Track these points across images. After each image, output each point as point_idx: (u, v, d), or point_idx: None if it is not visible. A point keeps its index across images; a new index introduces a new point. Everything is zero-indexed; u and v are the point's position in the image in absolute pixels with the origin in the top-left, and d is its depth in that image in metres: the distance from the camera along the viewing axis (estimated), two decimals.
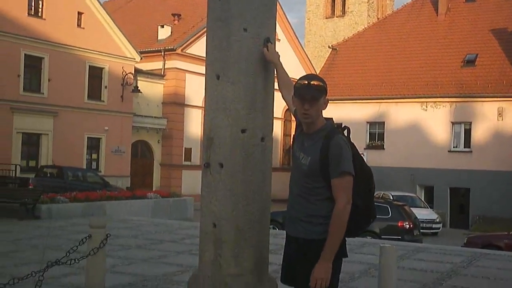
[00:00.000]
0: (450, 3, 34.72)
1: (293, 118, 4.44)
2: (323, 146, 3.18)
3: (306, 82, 3.23)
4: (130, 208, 16.85)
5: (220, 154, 3.69)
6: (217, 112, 3.71)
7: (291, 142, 3.56)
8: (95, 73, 29.32)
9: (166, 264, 8.69)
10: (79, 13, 28.34)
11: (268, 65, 3.77)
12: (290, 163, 38.25)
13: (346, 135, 3.31)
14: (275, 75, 3.86)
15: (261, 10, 3.73)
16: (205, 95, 3.84)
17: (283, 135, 40.13)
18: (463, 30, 32.58)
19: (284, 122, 39.84)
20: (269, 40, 3.75)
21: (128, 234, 12.02)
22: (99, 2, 29.66)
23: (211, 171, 3.73)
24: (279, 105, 34.47)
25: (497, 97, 28.07)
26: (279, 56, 3.73)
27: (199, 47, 34.02)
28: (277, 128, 37.72)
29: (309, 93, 3.19)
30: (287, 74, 3.76)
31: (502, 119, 27.90)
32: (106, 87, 29.75)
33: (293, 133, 4.38)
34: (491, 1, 33.97)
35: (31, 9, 26.52)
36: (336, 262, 3.16)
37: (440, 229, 24.02)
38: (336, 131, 3.27)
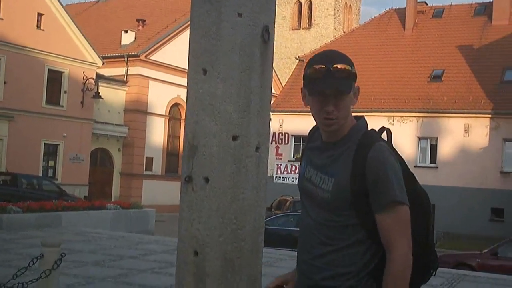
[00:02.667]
0: (417, 18, 34.80)
1: None
2: (357, 159, 2.06)
3: (324, 66, 2.09)
4: (88, 219, 15.89)
5: (205, 166, 2.98)
6: (202, 114, 3.01)
7: (300, 158, 2.48)
8: (55, 77, 28.26)
9: (126, 284, 7.92)
10: (39, 14, 27.32)
11: (267, 58, 3.09)
12: None
13: (386, 140, 2.20)
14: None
15: None
16: (187, 93, 3.13)
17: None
18: (430, 46, 32.60)
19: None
20: (268, 29, 3.07)
21: (85, 248, 11.16)
22: (61, 4, 28.69)
23: (193, 186, 3.01)
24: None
25: (463, 113, 28.03)
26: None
27: (164, 54, 33.30)
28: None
29: (332, 85, 2.07)
30: None
31: (468, 135, 27.84)
32: (65, 92, 28.71)
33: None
34: (457, 17, 34.18)
35: None
36: None
37: None
38: (376, 134, 2.15)
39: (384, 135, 2.19)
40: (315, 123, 2.42)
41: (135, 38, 34.18)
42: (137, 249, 11.58)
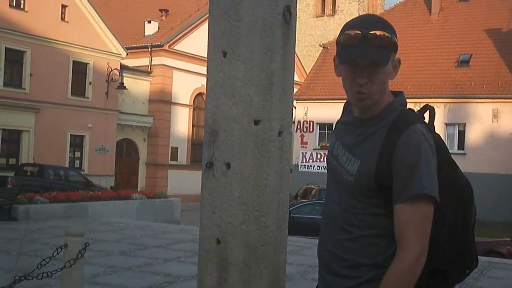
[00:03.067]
0: (443, 2, 34.16)
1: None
2: (387, 143, 1.83)
3: (360, 32, 1.84)
4: (114, 209, 15.99)
5: (226, 152, 2.88)
6: (223, 98, 2.91)
7: (332, 133, 2.28)
8: (79, 68, 28.42)
9: (152, 273, 7.90)
10: (63, 6, 27.45)
11: (289, 39, 2.97)
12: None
13: (427, 122, 1.93)
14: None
15: None
16: (207, 77, 3.03)
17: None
18: (457, 30, 32.02)
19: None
20: (289, 8, 2.95)
21: (111, 238, 11.21)
22: None
23: (215, 173, 2.92)
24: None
25: (492, 98, 27.51)
26: None
27: (187, 44, 33.27)
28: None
29: (367, 54, 1.82)
30: None
31: (497, 121, 27.33)
32: (90, 83, 28.86)
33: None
34: (485, 1, 33.46)
35: (13, 1, 25.55)
36: None
37: None
38: (412, 115, 1.89)
39: (426, 115, 1.95)
40: (340, 111, 2.28)
41: (158, 28, 34.20)
42: (163, 239, 11.59)
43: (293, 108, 3.28)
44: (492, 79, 28.36)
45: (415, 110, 1.95)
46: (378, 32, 1.82)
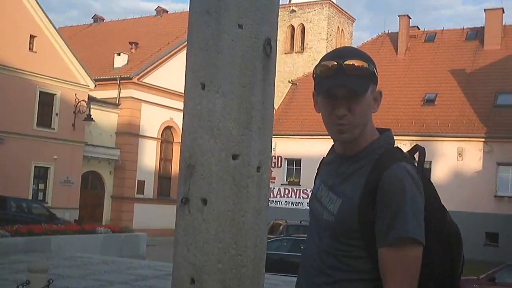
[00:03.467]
0: (410, 42, 34.97)
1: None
2: (370, 180, 1.72)
3: (336, 63, 1.76)
4: (78, 243, 15.56)
5: (203, 187, 2.78)
6: (200, 131, 2.82)
7: (315, 175, 2.14)
8: (46, 99, 28.05)
9: None
10: (32, 36, 27.18)
11: (269, 73, 2.92)
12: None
13: (417, 162, 1.84)
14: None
15: (262, 3, 2.89)
16: (184, 110, 2.95)
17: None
18: (423, 70, 32.72)
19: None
20: (270, 41, 2.91)
21: (75, 273, 10.86)
22: (54, 27, 28.57)
23: (190, 208, 2.81)
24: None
25: (457, 136, 28.02)
26: None
27: (156, 77, 33.24)
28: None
29: (343, 83, 1.75)
30: None
31: (462, 159, 27.79)
32: (57, 114, 28.46)
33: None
34: (450, 42, 34.39)
35: None
36: None
37: None
38: (399, 153, 1.79)
39: (416, 156, 1.87)
40: (308, 147, 2.18)
41: (127, 60, 34.11)
42: (128, 274, 11.29)
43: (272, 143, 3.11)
44: (456, 118, 28.93)
45: (404, 150, 1.86)
46: (354, 62, 1.75)
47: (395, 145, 1.86)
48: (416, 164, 1.80)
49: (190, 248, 2.80)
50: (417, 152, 1.86)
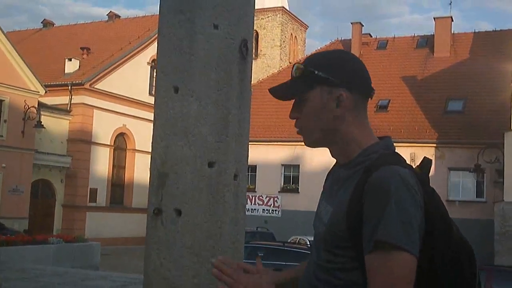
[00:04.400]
0: (362, 49, 35.41)
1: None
2: (358, 185, 1.60)
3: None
4: (29, 254, 15.02)
5: (177, 197, 2.62)
6: (174, 138, 2.66)
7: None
8: None
9: None
10: None
11: (245, 76, 2.78)
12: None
13: (419, 170, 1.67)
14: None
15: (238, 2, 2.75)
16: (155, 114, 2.78)
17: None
18: (375, 76, 33.08)
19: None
20: (246, 43, 2.77)
21: (26, 287, 10.43)
22: (1, 31, 27.73)
23: (163, 220, 2.64)
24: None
25: (409, 142, 28.44)
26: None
27: (109, 83, 32.67)
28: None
29: (278, 86, 1.78)
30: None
31: (414, 165, 27.84)
32: (5, 121, 27.58)
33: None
34: (401, 49, 35.02)
35: None
36: None
37: None
38: (395, 158, 1.65)
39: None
40: (263, 153, 2.05)
41: (79, 66, 33.40)
42: (83, 286, 10.92)
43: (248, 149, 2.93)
44: (409, 124, 29.41)
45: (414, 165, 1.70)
46: (297, 65, 1.75)
47: (391, 150, 1.72)
48: (417, 172, 1.65)
49: (164, 262, 2.62)
50: (424, 163, 1.71)
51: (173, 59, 2.71)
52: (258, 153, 30.88)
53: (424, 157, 1.73)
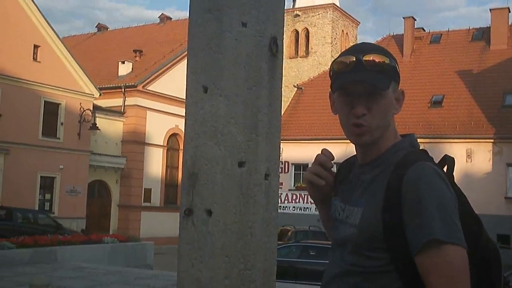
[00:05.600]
0: (415, 44, 34.75)
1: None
2: (392, 183, 1.53)
3: (355, 58, 1.62)
4: (84, 253, 15.37)
5: (207, 197, 2.59)
6: (203, 138, 2.63)
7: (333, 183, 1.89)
8: (51, 109, 27.98)
9: None
10: (36, 46, 27.13)
11: (275, 73, 2.73)
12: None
13: (446, 170, 1.62)
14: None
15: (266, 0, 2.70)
16: (186, 115, 2.76)
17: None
18: (429, 71, 32.47)
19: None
20: (276, 40, 2.72)
21: (80, 285, 10.67)
22: (58, 36, 28.55)
23: (194, 220, 2.62)
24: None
25: (465, 138, 27.74)
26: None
27: (161, 84, 33.14)
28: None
29: (362, 78, 1.60)
30: None
31: (471, 161, 27.48)
32: (62, 123, 28.38)
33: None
34: (455, 43, 34.16)
35: None
36: None
37: None
38: (424, 155, 1.62)
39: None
40: (315, 152, 2.02)
41: (132, 68, 34.03)
42: (136, 285, 11.10)
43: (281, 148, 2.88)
44: (464, 119, 28.66)
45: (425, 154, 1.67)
46: (374, 57, 1.61)
47: (417, 146, 1.71)
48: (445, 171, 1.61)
49: (195, 263, 2.61)
50: (446, 163, 1.65)
51: (202, 58, 2.69)
52: (309, 152, 30.73)
53: (446, 155, 1.67)
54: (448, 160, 1.65)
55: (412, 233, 1.47)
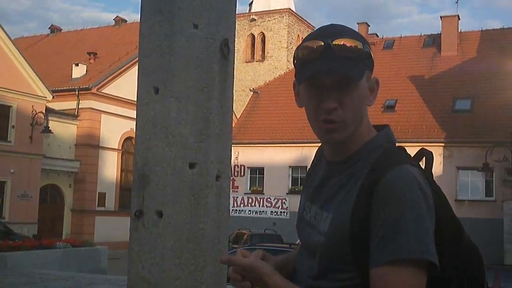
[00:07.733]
0: None
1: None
2: (365, 187, 1.38)
3: (323, 42, 1.40)
4: (36, 259, 15.05)
5: (158, 199, 2.59)
6: (154, 139, 2.63)
7: (301, 194, 1.70)
8: (2, 111, 27.34)
9: None
10: None
11: (227, 75, 2.75)
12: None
13: (424, 166, 1.50)
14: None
15: (218, 2, 2.72)
16: (137, 116, 2.75)
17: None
18: (382, 76, 32.91)
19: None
20: (227, 42, 2.74)
21: None
22: (9, 37, 27.90)
23: (145, 222, 2.61)
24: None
25: (417, 142, 28.21)
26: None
27: (116, 87, 32.75)
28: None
29: (334, 68, 1.39)
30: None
31: (423, 165, 28.02)
32: (13, 126, 27.72)
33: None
34: (408, 49, 34.87)
35: None
36: None
37: None
38: (402, 154, 1.46)
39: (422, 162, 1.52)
40: (271, 155, 1.91)
41: (86, 71, 33.51)
42: None
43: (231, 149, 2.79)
44: (417, 123, 29.26)
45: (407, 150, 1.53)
46: (345, 41, 1.40)
47: (396, 144, 1.52)
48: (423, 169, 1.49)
49: (145, 265, 2.59)
50: (423, 158, 1.53)
51: (153, 59, 2.69)
52: (265, 155, 30.88)
53: (423, 148, 1.55)
54: (427, 156, 1.53)
55: (376, 243, 1.33)
